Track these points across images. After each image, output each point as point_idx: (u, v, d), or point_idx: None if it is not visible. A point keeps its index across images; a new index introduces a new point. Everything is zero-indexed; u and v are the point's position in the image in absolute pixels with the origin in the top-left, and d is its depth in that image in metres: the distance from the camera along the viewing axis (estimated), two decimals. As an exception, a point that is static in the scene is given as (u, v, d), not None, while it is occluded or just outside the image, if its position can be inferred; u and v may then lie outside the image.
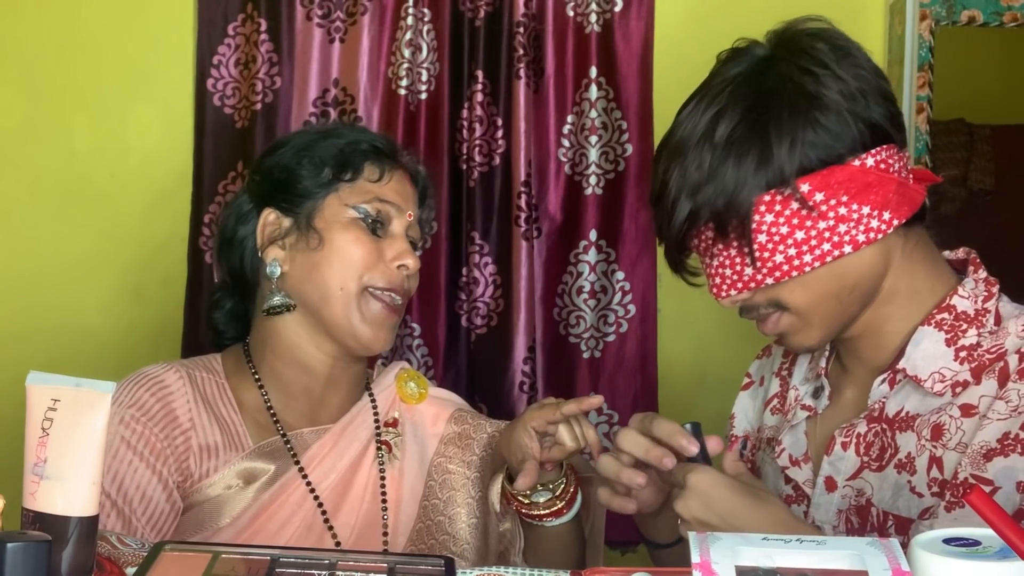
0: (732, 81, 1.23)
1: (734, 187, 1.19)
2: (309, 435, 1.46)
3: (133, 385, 1.41)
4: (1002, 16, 2.15)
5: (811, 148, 1.19)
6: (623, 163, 2.21)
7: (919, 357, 1.24)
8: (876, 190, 1.20)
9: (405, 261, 1.44)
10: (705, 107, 1.22)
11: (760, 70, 1.23)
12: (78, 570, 0.93)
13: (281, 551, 1.05)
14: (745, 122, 1.20)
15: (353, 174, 1.45)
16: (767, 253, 1.20)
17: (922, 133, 2.15)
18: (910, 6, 2.13)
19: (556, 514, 1.40)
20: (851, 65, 1.22)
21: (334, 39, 2.20)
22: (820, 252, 1.20)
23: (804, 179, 1.19)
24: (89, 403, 0.95)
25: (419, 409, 1.54)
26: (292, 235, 1.44)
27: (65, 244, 2.27)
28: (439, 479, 1.50)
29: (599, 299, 2.23)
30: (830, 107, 1.19)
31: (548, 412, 1.34)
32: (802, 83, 1.20)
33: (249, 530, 1.38)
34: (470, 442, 1.52)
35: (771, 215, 1.19)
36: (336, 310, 1.42)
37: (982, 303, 1.25)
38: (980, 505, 0.83)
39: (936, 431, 1.22)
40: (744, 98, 1.21)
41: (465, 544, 1.46)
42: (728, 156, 1.20)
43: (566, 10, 2.21)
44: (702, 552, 0.87)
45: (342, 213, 1.43)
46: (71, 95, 2.26)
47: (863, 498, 1.28)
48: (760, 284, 1.22)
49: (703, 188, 1.20)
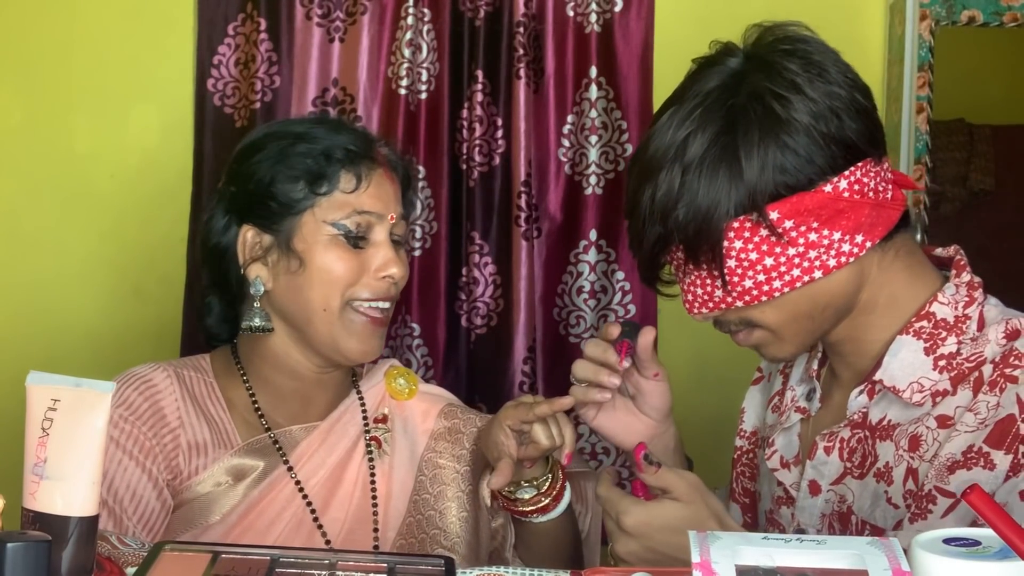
0: (705, 98, 1.20)
1: (705, 213, 1.18)
2: (297, 432, 1.46)
3: (122, 385, 1.41)
4: (1002, 16, 2.15)
5: (781, 173, 1.16)
6: (623, 163, 2.21)
7: (897, 367, 1.22)
8: (848, 215, 1.18)
9: (389, 271, 1.41)
10: (677, 124, 1.20)
11: (732, 86, 1.20)
12: (78, 570, 0.93)
13: (281, 551, 1.05)
14: (716, 146, 1.18)
15: (328, 187, 1.40)
16: (736, 278, 1.19)
17: (922, 133, 2.15)
18: (910, 6, 2.13)
19: (543, 510, 1.41)
20: (824, 83, 1.18)
21: (334, 39, 2.20)
22: (790, 278, 1.19)
23: (774, 206, 1.17)
24: (89, 403, 0.95)
25: (409, 405, 1.54)
26: (274, 253, 1.42)
27: (65, 244, 2.27)
28: (430, 474, 1.50)
29: (599, 299, 2.23)
30: (800, 130, 1.16)
31: (522, 411, 1.34)
32: (771, 106, 1.17)
33: (239, 527, 1.39)
34: (460, 436, 1.52)
35: (740, 241, 1.18)
36: (320, 329, 1.41)
37: (963, 309, 1.23)
38: (980, 505, 0.83)
39: (913, 442, 1.20)
40: (715, 119, 1.18)
41: (456, 538, 1.46)
42: (699, 180, 1.18)
43: (566, 10, 2.21)
44: (702, 552, 0.87)
45: (320, 231, 1.40)
46: (71, 95, 2.26)
47: (844, 505, 1.27)
48: (730, 306, 1.22)
49: (673, 212, 1.19)
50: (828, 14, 2.27)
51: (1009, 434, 1.14)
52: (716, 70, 1.22)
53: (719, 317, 1.25)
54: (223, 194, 1.46)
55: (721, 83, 1.20)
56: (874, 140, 1.21)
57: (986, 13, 2.14)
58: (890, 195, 1.21)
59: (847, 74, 1.21)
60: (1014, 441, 1.14)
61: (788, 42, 1.22)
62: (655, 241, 1.22)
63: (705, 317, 1.25)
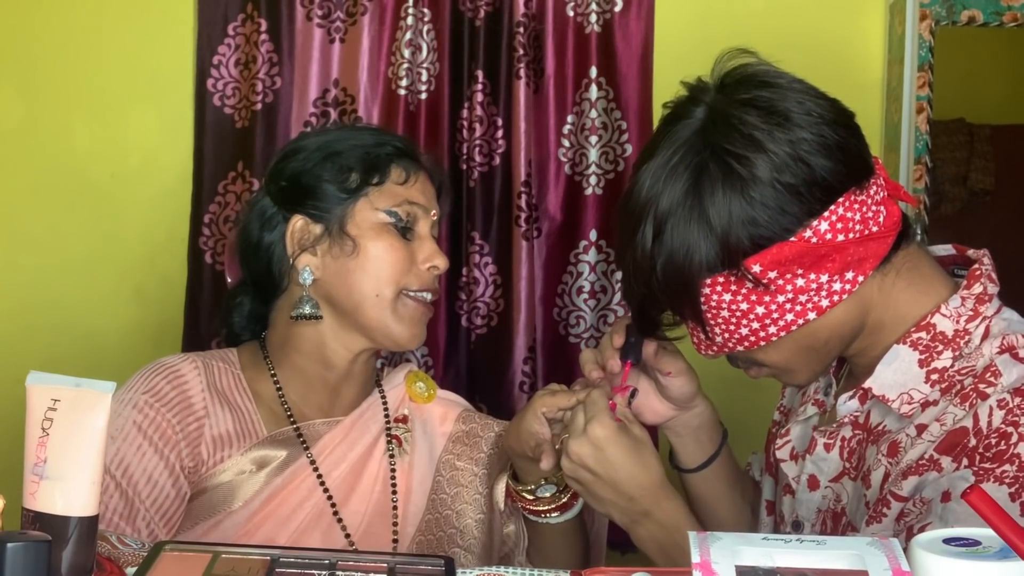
0: (673, 154, 1.18)
1: (680, 270, 1.17)
2: (321, 426, 1.48)
3: (150, 373, 1.43)
4: (1002, 16, 2.15)
5: (753, 227, 1.14)
6: (623, 163, 2.21)
7: (889, 376, 1.21)
8: (832, 258, 1.15)
9: (435, 262, 1.47)
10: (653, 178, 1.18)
11: (695, 143, 1.17)
12: (78, 570, 0.93)
13: (281, 551, 1.06)
14: (685, 206, 1.16)
15: (381, 177, 1.46)
16: (732, 327, 1.19)
17: (922, 133, 2.15)
18: (910, 6, 2.13)
19: (563, 508, 1.42)
20: (786, 131, 1.14)
21: (334, 39, 2.20)
22: (784, 323, 1.17)
23: (753, 259, 1.15)
24: (89, 403, 0.95)
25: (428, 408, 1.57)
26: (324, 241, 1.45)
27: (65, 244, 2.27)
28: (447, 475, 1.52)
29: (599, 299, 2.24)
30: (765, 184, 1.13)
31: (561, 399, 1.35)
32: (731, 166, 1.14)
33: (260, 515, 1.40)
34: (478, 440, 1.55)
35: (728, 294, 1.17)
36: (372, 314, 1.44)
37: (964, 323, 1.20)
38: (980, 505, 0.83)
39: (892, 448, 1.19)
40: (683, 177, 1.16)
41: (472, 539, 1.49)
42: (672, 238, 1.16)
43: (566, 10, 2.21)
44: (702, 552, 0.87)
45: (373, 217, 1.45)
46: (71, 95, 2.26)
47: (839, 504, 1.27)
48: (732, 351, 1.22)
49: (653, 272, 1.18)
50: (828, 14, 2.28)
51: (959, 445, 1.13)
52: (684, 123, 1.19)
53: (728, 356, 1.26)
54: (268, 190, 1.50)
55: (687, 138, 1.18)
56: (853, 171, 1.17)
57: (986, 13, 2.14)
58: (882, 218, 1.18)
59: (813, 112, 1.17)
60: (961, 452, 1.13)
61: (749, 87, 1.18)
62: (641, 300, 1.23)
63: (714, 356, 1.26)
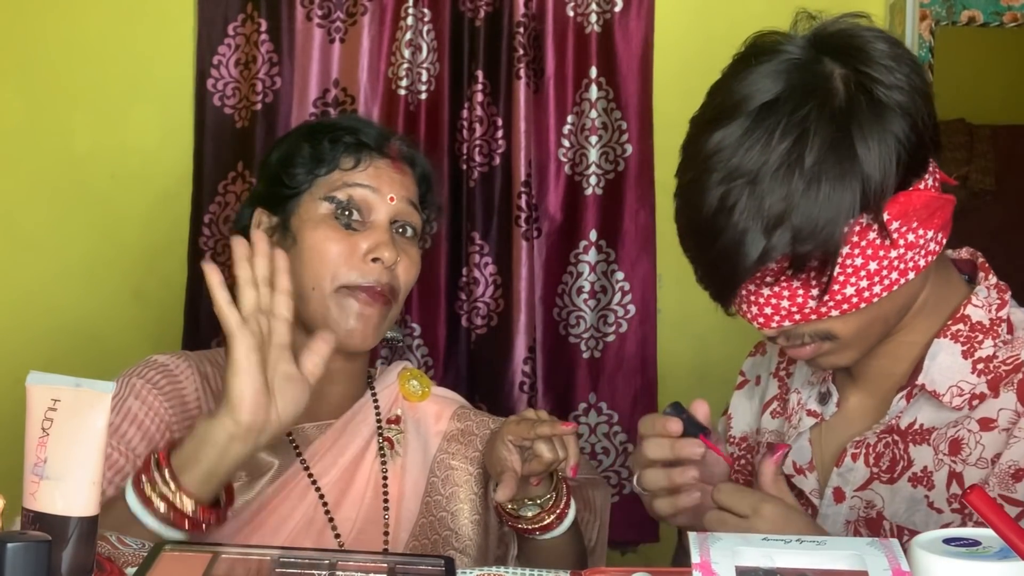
0: (793, 100, 1.11)
1: (825, 220, 1.10)
2: (311, 430, 1.45)
3: (144, 367, 1.42)
4: (1002, 16, 2.15)
5: (895, 168, 1.10)
6: (623, 163, 2.21)
7: (936, 371, 1.20)
8: (940, 213, 1.15)
9: (379, 254, 1.39)
10: (768, 133, 1.11)
11: (823, 84, 1.12)
12: (78, 570, 0.93)
13: (281, 551, 1.05)
14: (832, 148, 1.10)
15: (328, 168, 1.43)
16: (837, 286, 1.13)
17: (922, 133, 2.15)
18: (910, 6, 2.13)
19: (545, 528, 1.38)
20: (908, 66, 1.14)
21: (334, 39, 2.20)
22: (888, 282, 1.14)
23: (887, 206, 1.12)
24: (89, 403, 0.95)
25: (422, 407, 1.53)
26: (277, 235, 1.44)
27: (65, 245, 2.27)
28: (442, 475, 1.49)
29: (599, 299, 2.23)
30: (905, 116, 1.11)
31: (523, 428, 1.31)
32: (878, 96, 1.11)
33: (252, 524, 1.38)
34: (473, 438, 1.51)
35: (847, 246, 1.12)
36: (311, 309, 1.40)
37: (996, 312, 1.22)
38: (980, 505, 0.83)
39: (954, 446, 1.18)
40: (820, 119, 1.10)
41: (467, 540, 1.46)
42: (818, 186, 1.09)
43: (566, 10, 2.21)
44: (702, 552, 0.87)
45: (315, 209, 1.42)
46: (71, 95, 2.26)
47: (873, 510, 1.24)
48: (823, 316, 1.15)
49: (784, 222, 1.10)
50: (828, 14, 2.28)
51: None
52: (784, 67, 1.13)
53: (792, 330, 1.18)
54: (251, 188, 1.48)
55: (809, 83, 1.12)
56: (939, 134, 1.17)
57: (986, 13, 2.14)
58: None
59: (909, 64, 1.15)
60: None
61: (865, 27, 1.16)
62: (757, 257, 1.11)
63: (779, 331, 1.18)
